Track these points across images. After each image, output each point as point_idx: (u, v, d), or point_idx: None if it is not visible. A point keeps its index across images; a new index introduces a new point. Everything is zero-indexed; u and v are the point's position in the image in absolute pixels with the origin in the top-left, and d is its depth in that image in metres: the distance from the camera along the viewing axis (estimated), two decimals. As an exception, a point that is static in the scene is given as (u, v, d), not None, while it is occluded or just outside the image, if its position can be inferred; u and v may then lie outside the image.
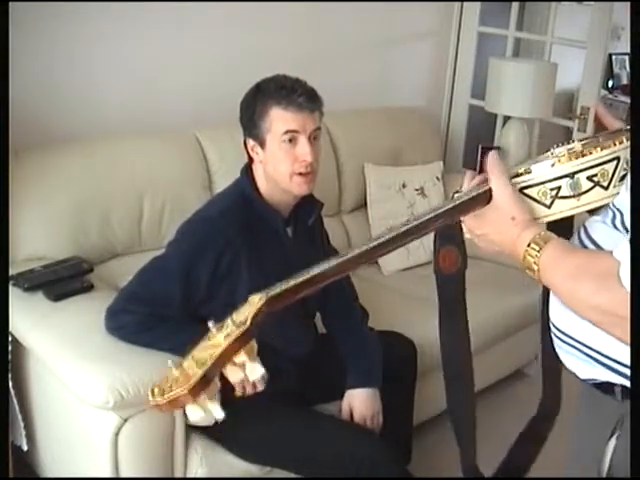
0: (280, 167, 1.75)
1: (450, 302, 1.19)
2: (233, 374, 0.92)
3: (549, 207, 1.02)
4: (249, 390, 1.67)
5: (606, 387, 1.05)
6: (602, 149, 1.00)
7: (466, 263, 1.15)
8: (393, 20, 3.24)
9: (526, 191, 1.03)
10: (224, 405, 1.91)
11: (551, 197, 1.02)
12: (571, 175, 1.00)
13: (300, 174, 1.74)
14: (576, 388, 1.15)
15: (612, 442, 1.05)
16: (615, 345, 0.96)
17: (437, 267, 1.16)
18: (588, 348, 1.03)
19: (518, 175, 1.04)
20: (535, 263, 0.97)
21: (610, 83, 5.02)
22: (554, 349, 1.11)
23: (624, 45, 4.75)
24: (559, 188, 1.01)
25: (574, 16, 3.96)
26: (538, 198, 1.03)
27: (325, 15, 2.96)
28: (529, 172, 1.03)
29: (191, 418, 0.91)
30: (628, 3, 0.96)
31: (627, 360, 0.98)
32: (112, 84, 2.41)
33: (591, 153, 1.00)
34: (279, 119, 1.72)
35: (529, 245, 0.98)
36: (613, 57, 4.95)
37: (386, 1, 3.12)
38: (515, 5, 3.48)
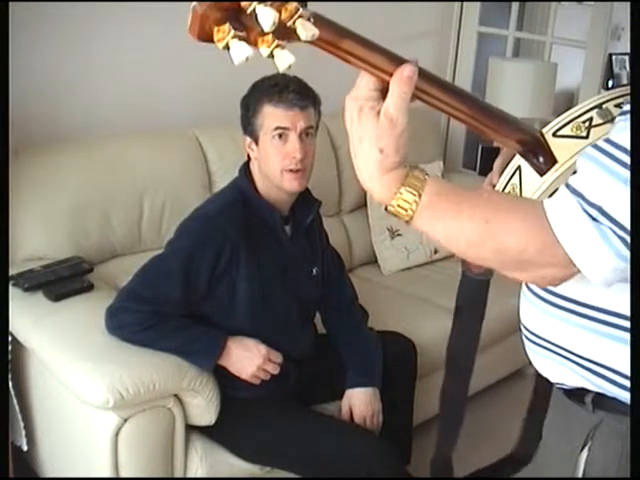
0: (271, 163, 1.76)
1: (470, 303, 1.18)
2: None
3: (587, 137, 1.01)
4: (269, 369, 1.74)
5: (577, 395, 1.03)
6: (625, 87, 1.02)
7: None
8: (393, 20, 3.23)
9: (560, 132, 1.03)
10: (226, 404, 1.91)
11: (586, 128, 1.01)
12: (599, 106, 1.01)
13: (290, 171, 1.75)
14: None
15: (584, 453, 1.02)
16: (593, 346, 0.94)
17: (464, 266, 1.14)
18: (563, 350, 1.01)
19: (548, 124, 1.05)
20: (416, 201, 0.85)
21: (610, 83, 5.01)
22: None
23: (624, 45, 4.75)
24: (591, 119, 1.01)
25: (574, 16, 3.96)
26: (574, 133, 1.02)
27: (325, 15, 2.96)
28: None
29: (235, 57, 0.77)
30: (628, 3, 0.96)
31: (605, 361, 0.96)
32: (112, 84, 2.41)
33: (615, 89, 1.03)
34: (270, 115, 1.74)
35: (404, 184, 0.86)
36: (613, 57, 4.95)
37: (386, 1, 3.12)
38: (515, 5, 3.48)
